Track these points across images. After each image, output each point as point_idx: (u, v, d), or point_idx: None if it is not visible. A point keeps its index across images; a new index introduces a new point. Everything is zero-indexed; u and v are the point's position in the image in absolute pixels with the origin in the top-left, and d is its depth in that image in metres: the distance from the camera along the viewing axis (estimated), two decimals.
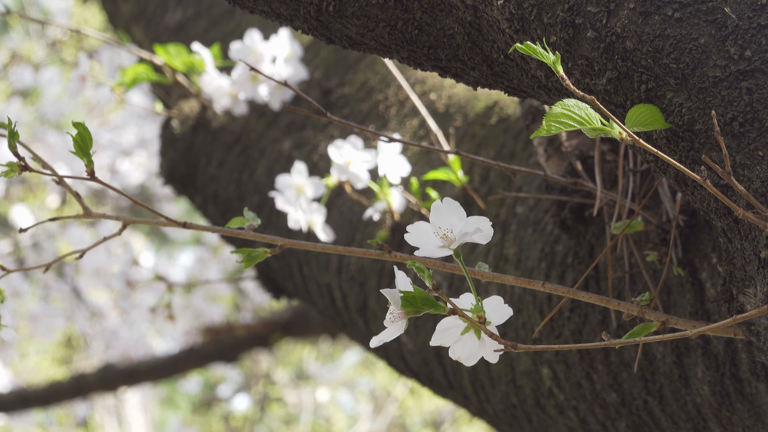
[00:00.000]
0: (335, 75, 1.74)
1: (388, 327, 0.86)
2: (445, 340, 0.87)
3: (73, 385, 3.59)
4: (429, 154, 1.54)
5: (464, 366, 1.43)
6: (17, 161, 0.94)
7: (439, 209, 0.87)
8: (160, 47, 1.76)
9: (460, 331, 0.86)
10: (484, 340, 0.86)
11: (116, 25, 2.37)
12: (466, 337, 0.87)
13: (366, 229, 1.56)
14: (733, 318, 0.85)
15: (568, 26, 0.91)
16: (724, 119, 0.86)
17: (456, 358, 0.87)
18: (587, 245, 1.27)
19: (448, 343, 0.87)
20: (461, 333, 0.87)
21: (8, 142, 0.92)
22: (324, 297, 1.66)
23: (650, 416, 1.23)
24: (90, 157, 0.94)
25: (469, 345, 0.87)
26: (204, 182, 1.84)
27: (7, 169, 0.93)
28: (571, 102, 0.84)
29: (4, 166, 0.94)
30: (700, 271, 1.14)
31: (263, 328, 3.46)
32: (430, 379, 1.53)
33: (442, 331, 0.87)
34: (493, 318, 0.86)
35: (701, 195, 0.91)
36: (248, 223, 0.97)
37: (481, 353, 0.87)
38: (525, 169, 1.23)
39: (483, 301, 0.86)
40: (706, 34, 0.87)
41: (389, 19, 1.00)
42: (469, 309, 0.86)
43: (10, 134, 0.92)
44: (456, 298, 0.88)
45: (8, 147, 0.92)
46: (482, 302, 0.86)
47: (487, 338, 0.86)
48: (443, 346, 0.87)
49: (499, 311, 0.86)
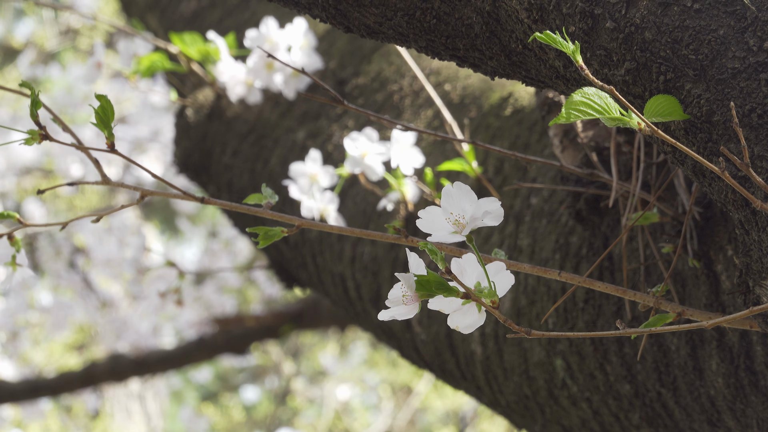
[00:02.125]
0: (350, 65, 1.74)
1: (400, 307, 0.86)
2: (444, 306, 0.86)
3: (84, 375, 3.60)
4: (443, 145, 1.54)
5: (477, 357, 1.43)
6: (38, 129, 0.94)
7: (450, 194, 0.86)
8: (176, 36, 1.76)
9: (461, 301, 0.85)
10: (483, 310, 0.85)
11: (131, 14, 2.37)
12: (467, 307, 0.86)
13: (380, 219, 1.56)
14: (749, 310, 0.85)
15: (587, 16, 0.91)
16: (743, 111, 0.86)
17: (455, 327, 0.86)
18: (602, 237, 1.27)
19: (447, 310, 0.86)
20: (462, 303, 0.85)
21: (30, 110, 0.92)
22: (337, 287, 1.66)
23: (664, 408, 1.23)
24: (111, 129, 0.94)
25: (468, 315, 0.86)
26: (218, 171, 1.84)
27: (28, 137, 0.93)
28: (591, 91, 0.84)
29: (26, 133, 0.94)
30: (716, 263, 1.14)
31: (273, 320, 3.47)
32: (443, 370, 1.53)
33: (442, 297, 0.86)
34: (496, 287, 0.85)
35: (719, 186, 0.91)
36: (266, 200, 0.96)
37: (480, 322, 0.85)
38: (540, 159, 1.23)
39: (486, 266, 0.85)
40: (725, 26, 0.87)
41: (408, 8, 1.00)
42: (482, 293, 0.85)
43: (33, 102, 0.92)
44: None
45: (30, 115, 0.92)
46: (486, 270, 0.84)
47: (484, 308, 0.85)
48: (441, 311, 0.86)
49: (501, 279, 0.85)
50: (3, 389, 3.64)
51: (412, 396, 5.87)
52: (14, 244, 1.00)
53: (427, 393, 5.87)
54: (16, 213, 0.98)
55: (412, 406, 5.89)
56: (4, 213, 0.96)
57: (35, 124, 0.93)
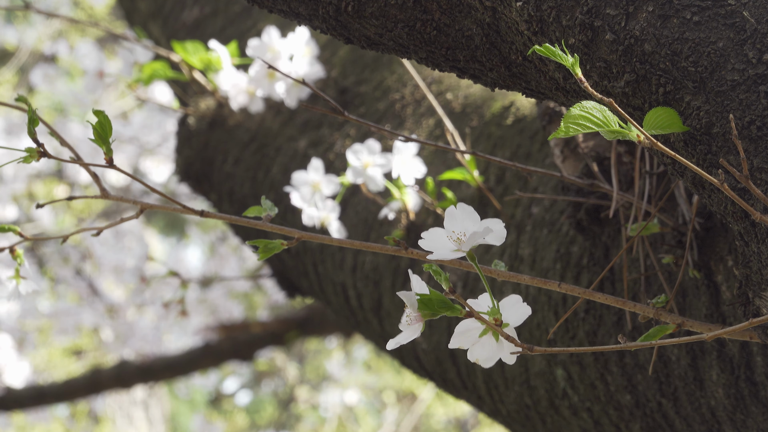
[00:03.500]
0: (352, 74, 1.74)
1: (405, 330, 0.86)
2: (463, 342, 0.87)
3: (89, 381, 3.60)
4: (444, 154, 1.54)
5: (478, 366, 1.43)
6: (36, 147, 0.94)
7: (454, 215, 0.87)
8: (178, 44, 1.76)
9: (479, 333, 0.86)
10: (502, 342, 0.86)
11: (133, 22, 2.37)
12: (485, 339, 0.86)
13: (381, 228, 1.56)
14: (749, 321, 0.85)
15: (586, 28, 0.91)
16: (742, 123, 0.86)
17: (474, 360, 0.87)
18: (603, 247, 1.27)
19: (466, 345, 0.87)
20: (479, 335, 0.86)
21: (28, 128, 0.92)
22: (338, 296, 1.67)
23: (664, 418, 1.23)
24: (109, 145, 0.94)
25: (487, 347, 0.87)
26: (219, 180, 1.85)
27: (26, 155, 0.93)
28: (590, 104, 0.84)
29: (24, 151, 0.94)
30: (716, 273, 1.14)
31: (279, 326, 3.47)
32: (444, 379, 1.53)
33: (460, 333, 0.87)
34: (511, 318, 0.86)
35: (718, 198, 0.91)
36: (265, 213, 0.96)
37: (499, 355, 0.87)
38: (541, 169, 1.23)
39: (501, 302, 0.86)
40: (724, 38, 0.87)
41: (408, 20, 1.00)
42: (486, 311, 0.86)
43: (30, 120, 0.92)
44: (471, 298, 0.88)
45: (28, 133, 0.92)
46: (499, 303, 0.86)
47: (504, 339, 0.86)
48: (461, 348, 0.87)
49: (517, 311, 0.86)
50: (8, 396, 3.64)
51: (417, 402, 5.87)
52: (16, 257, 1.00)
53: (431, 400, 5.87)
54: (16, 226, 0.98)
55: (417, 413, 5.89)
56: (5, 227, 0.96)
57: (33, 142, 0.93)
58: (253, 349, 3.58)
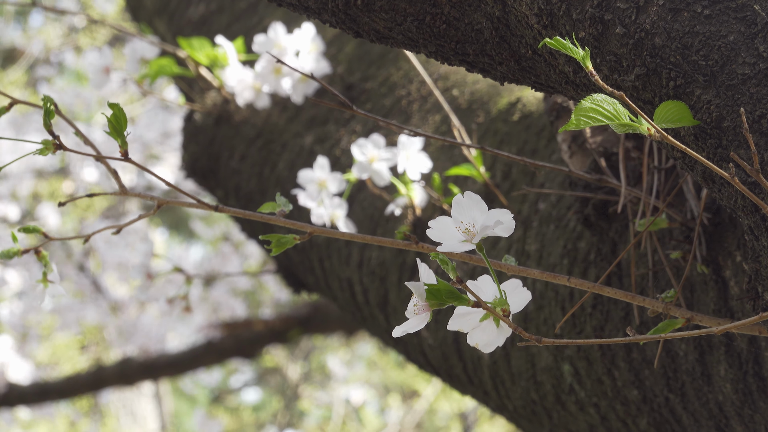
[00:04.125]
0: (358, 70, 1.74)
1: (412, 318, 0.86)
2: (462, 325, 0.86)
3: (92, 378, 3.61)
4: (451, 150, 1.54)
5: (484, 362, 1.43)
6: (52, 140, 0.94)
7: (461, 203, 0.86)
8: (184, 40, 1.76)
9: (479, 318, 0.86)
10: (503, 326, 0.86)
11: (139, 19, 2.37)
12: (485, 323, 0.86)
13: (387, 224, 1.56)
14: (759, 315, 0.85)
15: (597, 22, 0.91)
16: (753, 117, 0.86)
17: (474, 345, 0.86)
18: (610, 242, 1.27)
19: (466, 329, 0.86)
20: (480, 320, 0.86)
21: (44, 120, 0.92)
22: (344, 291, 1.67)
23: (672, 414, 1.23)
24: (124, 138, 0.94)
25: (488, 332, 0.86)
26: (226, 176, 1.85)
27: (42, 147, 0.93)
28: (600, 97, 0.84)
29: (40, 144, 0.93)
30: (724, 269, 1.14)
31: (281, 324, 3.47)
32: (450, 375, 1.53)
33: (460, 316, 0.86)
34: (512, 303, 0.86)
35: (728, 192, 0.91)
36: (279, 208, 0.97)
37: (500, 340, 0.86)
38: (548, 165, 1.23)
39: (501, 285, 0.85)
40: (735, 32, 0.87)
41: (417, 14, 1.00)
42: (492, 301, 0.86)
43: (46, 112, 0.92)
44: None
45: (43, 125, 0.92)
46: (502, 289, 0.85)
47: (503, 323, 0.85)
48: (461, 331, 0.87)
49: (518, 295, 0.86)
50: (13, 392, 3.64)
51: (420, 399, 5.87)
52: (41, 259, 0.99)
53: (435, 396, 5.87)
54: (41, 227, 0.97)
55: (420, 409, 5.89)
56: (30, 227, 0.96)
57: (49, 134, 0.93)
58: (256, 346, 3.59)
